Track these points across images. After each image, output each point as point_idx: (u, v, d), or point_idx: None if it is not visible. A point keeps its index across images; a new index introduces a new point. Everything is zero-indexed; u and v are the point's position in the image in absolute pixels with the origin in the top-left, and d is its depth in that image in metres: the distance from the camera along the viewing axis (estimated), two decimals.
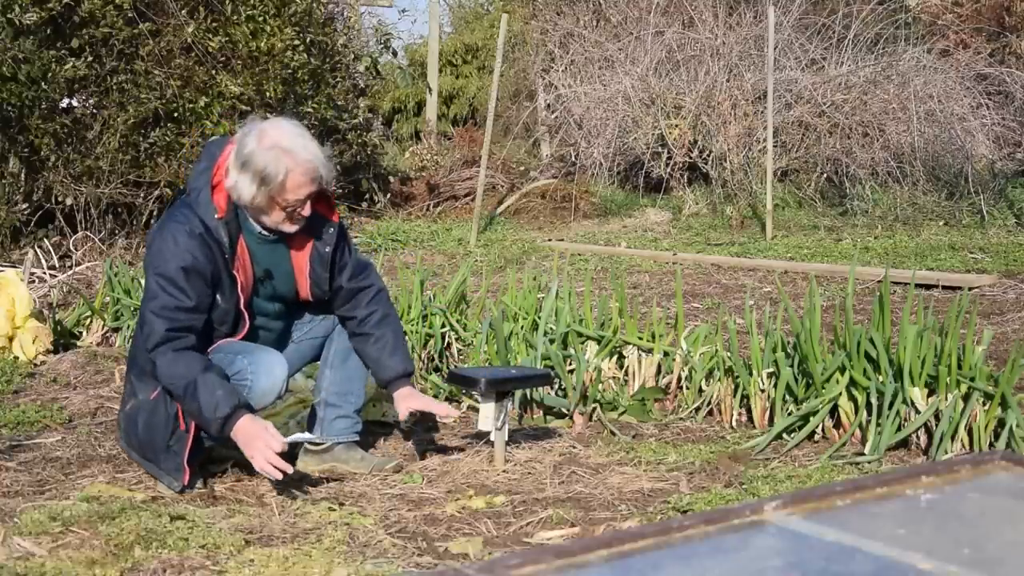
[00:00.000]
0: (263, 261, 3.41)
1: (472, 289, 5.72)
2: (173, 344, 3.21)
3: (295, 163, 3.21)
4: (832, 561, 1.21)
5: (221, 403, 3.15)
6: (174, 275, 3.22)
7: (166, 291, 3.22)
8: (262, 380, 3.29)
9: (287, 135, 3.24)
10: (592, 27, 13.22)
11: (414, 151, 12.98)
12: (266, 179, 3.20)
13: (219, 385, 3.18)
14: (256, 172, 3.20)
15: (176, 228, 3.26)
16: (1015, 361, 3.69)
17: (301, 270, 3.48)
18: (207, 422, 3.19)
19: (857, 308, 5.86)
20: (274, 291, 3.47)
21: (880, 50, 12.18)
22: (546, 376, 4.00)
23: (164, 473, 3.36)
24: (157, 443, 3.35)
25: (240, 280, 3.34)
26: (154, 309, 3.22)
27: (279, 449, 3.17)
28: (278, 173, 3.19)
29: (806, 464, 3.65)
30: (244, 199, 3.24)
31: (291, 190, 3.23)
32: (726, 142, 11.36)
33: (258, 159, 3.20)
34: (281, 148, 3.21)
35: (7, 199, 7.91)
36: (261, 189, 3.22)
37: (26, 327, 5.09)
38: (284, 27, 9.15)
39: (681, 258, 8.41)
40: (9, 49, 7.67)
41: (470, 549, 2.90)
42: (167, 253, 3.24)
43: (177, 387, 3.20)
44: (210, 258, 3.26)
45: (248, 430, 3.18)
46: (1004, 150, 11.70)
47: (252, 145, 3.21)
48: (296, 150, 3.22)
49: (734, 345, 4.25)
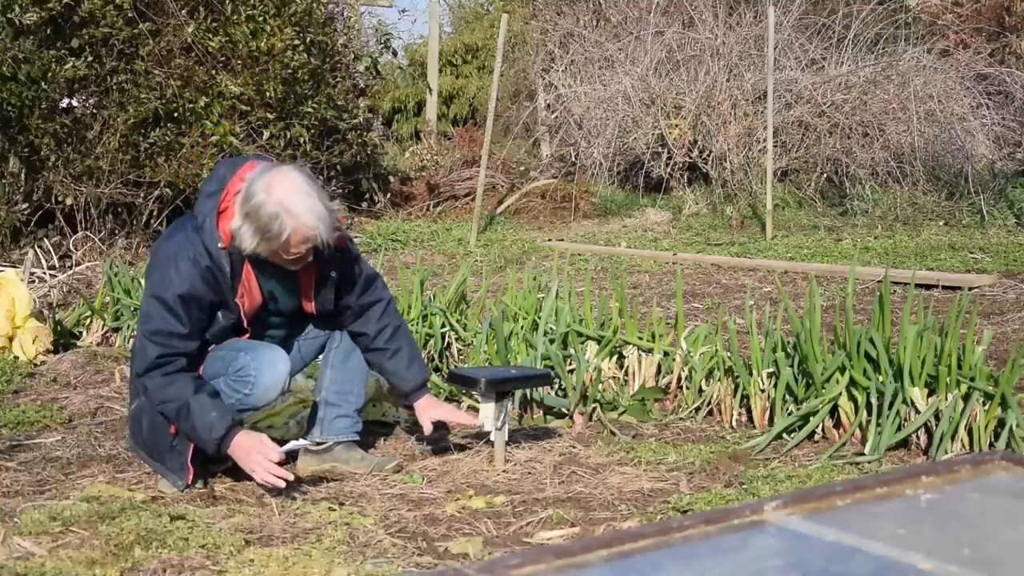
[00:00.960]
0: (267, 284, 3.41)
1: (472, 289, 5.72)
2: (163, 369, 3.23)
3: (298, 225, 3.17)
4: (832, 561, 1.21)
5: (216, 424, 3.19)
6: (171, 302, 3.23)
7: (161, 316, 3.24)
8: (265, 376, 3.30)
9: (294, 193, 3.18)
10: (592, 27, 13.22)
11: (414, 151, 12.98)
12: (268, 236, 3.19)
13: (212, 406, 3.21)
14: (259, 228, 3.18)
15: (181, 254, 3.26)
16: (1015, 361, 3.69)
17: (306, 291, 3.49)
18: (203, 443, 3.23)
19: (857, 308, 5.86)
20: (278, 309, 3.49)
21: (880, 50, 12.18)
22: (546, 376, 4.00)
23: (169, 472, 3.38)
24: (161, 443, 3.37)
25: (244, 306, 3.35)
26: (146, 333, 3.25)
27: (276, 459, 3.21)
28: (281, 233, 3.18)
29: (806, 464, 3.65)
30: (246, 247, 3.23)
31: (293, 245, 3.23)
32: (726, 142, 11.36)
33: (262, 215, 3.16)
34: (285, 208, 3.15)
35: (7, 199, 7.91)
36: (262, 243, 3.21)
37: (26, 327, 5.09)
38: (284, 27, 9.15)
39: (681, 258, 8.40)
40: (9, 49, 7.67)
41: (470, 549, 2.90)
42: (167, 279, 3.25)
43: (170, 410, 3.23)
44: (212, 286, 3.27)
45: (245, 445, 3.22)
46: (1004, 150, 11.69)
47: (260, 198, 3.17)
48: (300, 213, 3.16)
49: (734, 345, 4.25)
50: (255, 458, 3.20)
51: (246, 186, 3.22)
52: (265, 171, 3.24)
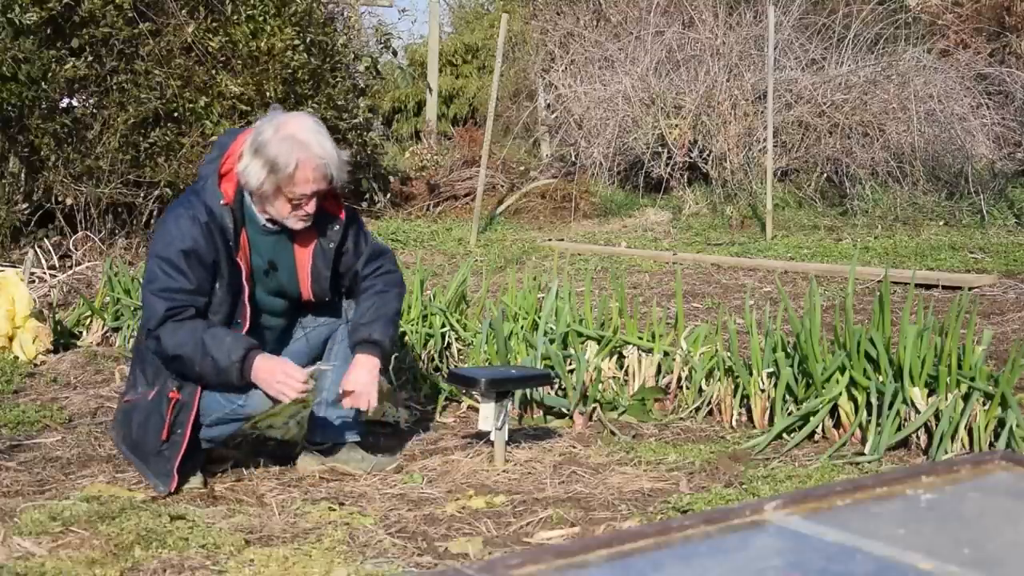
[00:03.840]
0: (267, 253, 3.40)
1: (472, 289, 5.72)
2: (174, 319, 3.22)
3: (307, 156, 3.22)
4: (832, 561, 1.21)
5: (232, 348, 3.18)
6: (174, 258, 3.23)
7: (166, 273, 3.23)
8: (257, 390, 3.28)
9: (304, 129, 3.26)
10: (592, 27, 13.22)
11: (414, 151, 12.97)
12: (275, 167, 3.21)
13: (226, 333, 3.22)
14: (267, 159, 3.22)
15: (180, 213, 3.28)
16: (1015, 361, 3.69)
17: (303, 265, 3.47)
18: (226, 372, 3.18)
19: (857, 308, 5.86)
20: (278, 285, 3.46)
21: (880, 50, 12.18)
22: (546, 376, 4.00)
23: (152, 475, 3.34)
24: (149, 445, 3.33)
25: (243, 268, 3.34)
26: (154, 291, 3.24)
27: (301, 378, 3.19)
28: (288, 164, 3.21)
29: (806, 464, 3.65)
30: (252, 184, 3.26)
31: (299, 183, 3.24)
32: (726, 142, 11.36)
33: (271, 147, 3.21)
34: (296, 140, 3.22)
35: (7, 199, 7.91)
36: (270, 176, 3.23)
37: (26, 327, 5.09)
38: (284, 27, 9.15)
39: (681, 258, 8.40)
40: (9, 49, 7.67)
41: (470, 549, 2.90)
42: (168, 237, 3.26)
43: (186, 351, 3.19)
44: (212, 244, 3.27)
45: (267, 367, 3.20)
46: (1004, 150, 11.69)
47: (268, 133, 3.23)
48: (311, 144, 3.23)
49: (734, 345, 4.25)
50: (279, 378, 3.18)
51: (254, 131, 3.28)
52: (274, 115, 3.32)
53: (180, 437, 3.28)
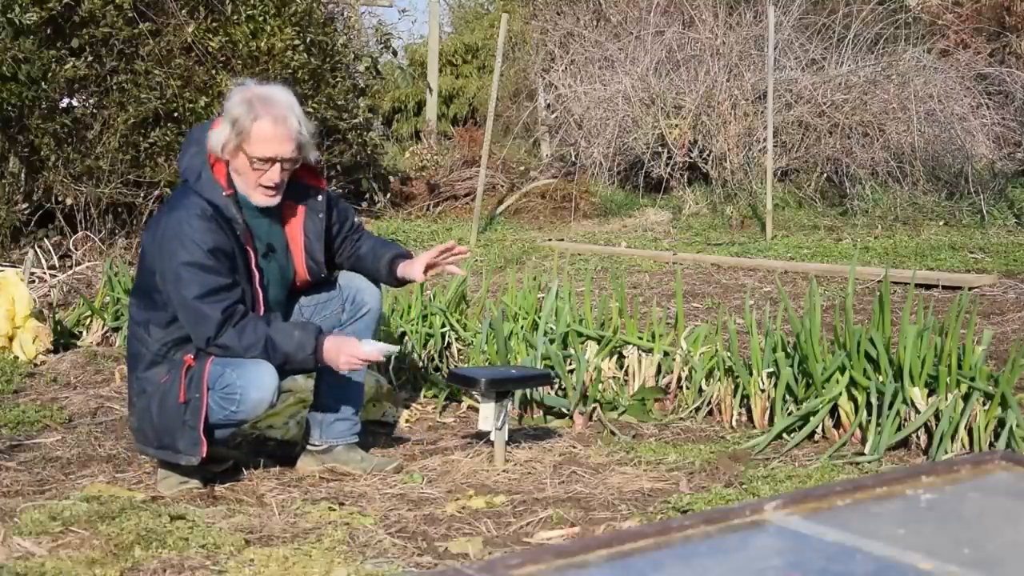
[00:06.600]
0: (264, 236, 3.41)
1: (472, 289, 5.72)
2: (231, 322, 3.24)
3: (266, 112, 3.26)
4: (832, 561, 1.21)
5: (305, 342, 3.25)
6: (203, 259, 3.22)
7: (202, 278, 3.21)
8: (252, 394, 3.25)
9: (271, 90, 3.34)
10: (592, 27, 13.22)
11: (414, 151, 12.97)
12: (236, 122, 3.26)
13: (293, 328, 3.30)
14: (231, 120, 3.26)
15: (185, 215, 3.25)
16: (1015, 361, 3.69)
17: (296, 241, 3.48)
18: (302, 363, 3.32)
19: (857, 308, 5.86)
20: (277, 267, 3.46)
21: (880, 50, 12.18)
22: (546, 376, 4.00)
23: (183, 453, 3.30)
24: (173, 422, 3.29)
25: (252, 255, 3.34)
26: (198, 297, 3.22)
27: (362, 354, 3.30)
28: (248, 118, 3.24)
29: (806, 464, 3.65)
30: (216, 147, 3.28)
31: (257, 140, 3.25)
32: (726, 142, 11.35)
33: (236, 107, 3.27)
34: (258, 96, 3.29)
35: (7, 199, 7.91)
36: (231, 135, 3.26)
37: (26, 327, 5.09)
38: (284, 27, 9.14)
39: (681, 258, 8.40)
40: (9, 49, 7.67)
41: (470, 549, 2.90)
42: (187, 240, 3.22)
43: (257, 353, 3.25)
44: (227, 234, 3.28)
45: (332, 349, 3.29)
46: (1004, 150, 11.68)
47: (236, 96, 3.30)
48: (272, 101, 3.29)
49: (734, 345, 4.25)
50: (343, 359, 3.29)
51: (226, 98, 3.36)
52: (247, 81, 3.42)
53: (198, 402, 3.25)
